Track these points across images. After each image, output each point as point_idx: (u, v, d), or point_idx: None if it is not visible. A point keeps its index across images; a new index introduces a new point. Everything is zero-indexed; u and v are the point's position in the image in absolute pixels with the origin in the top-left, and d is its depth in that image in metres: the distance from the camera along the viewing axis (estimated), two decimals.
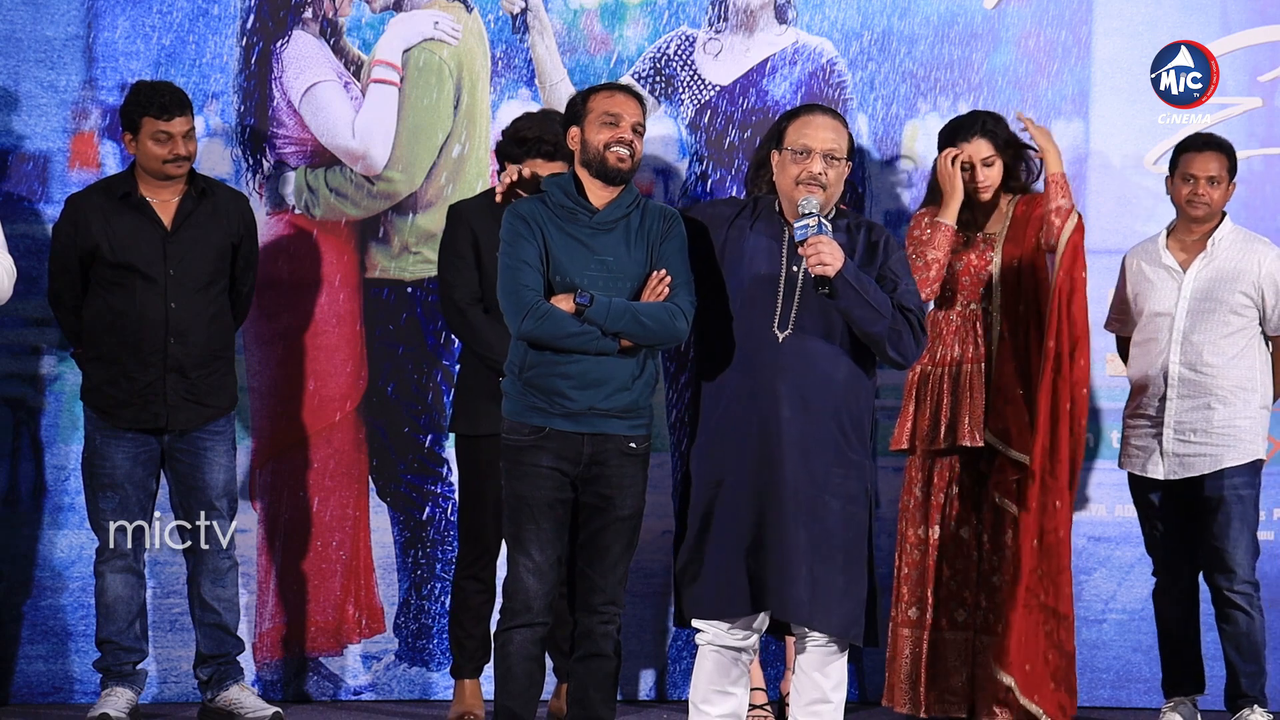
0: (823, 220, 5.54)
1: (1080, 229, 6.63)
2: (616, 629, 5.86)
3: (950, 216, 6.67)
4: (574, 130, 5.80)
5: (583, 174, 5.79)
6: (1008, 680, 6.61)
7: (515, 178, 5.90)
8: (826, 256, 5.51)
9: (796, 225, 5.56)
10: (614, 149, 5.73)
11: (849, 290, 5.54)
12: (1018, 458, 6.61)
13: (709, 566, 5.68)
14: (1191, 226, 6.72)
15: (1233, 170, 6.68)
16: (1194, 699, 6.82)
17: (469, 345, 6.60)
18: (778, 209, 5.74)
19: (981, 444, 6.64)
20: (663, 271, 5.72)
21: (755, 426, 5.62)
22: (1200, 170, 6.65)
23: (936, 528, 6.75)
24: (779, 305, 5.64)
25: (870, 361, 5.70)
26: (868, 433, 5.72)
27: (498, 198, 5.94)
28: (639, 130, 5.78)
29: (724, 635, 5.72)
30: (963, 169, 6.69)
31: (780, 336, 5.63)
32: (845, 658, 5.73)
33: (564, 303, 5.66)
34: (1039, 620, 6.66)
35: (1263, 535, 7.03)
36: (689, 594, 5.74)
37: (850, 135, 5.72)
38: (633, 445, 5.77)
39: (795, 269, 5.62)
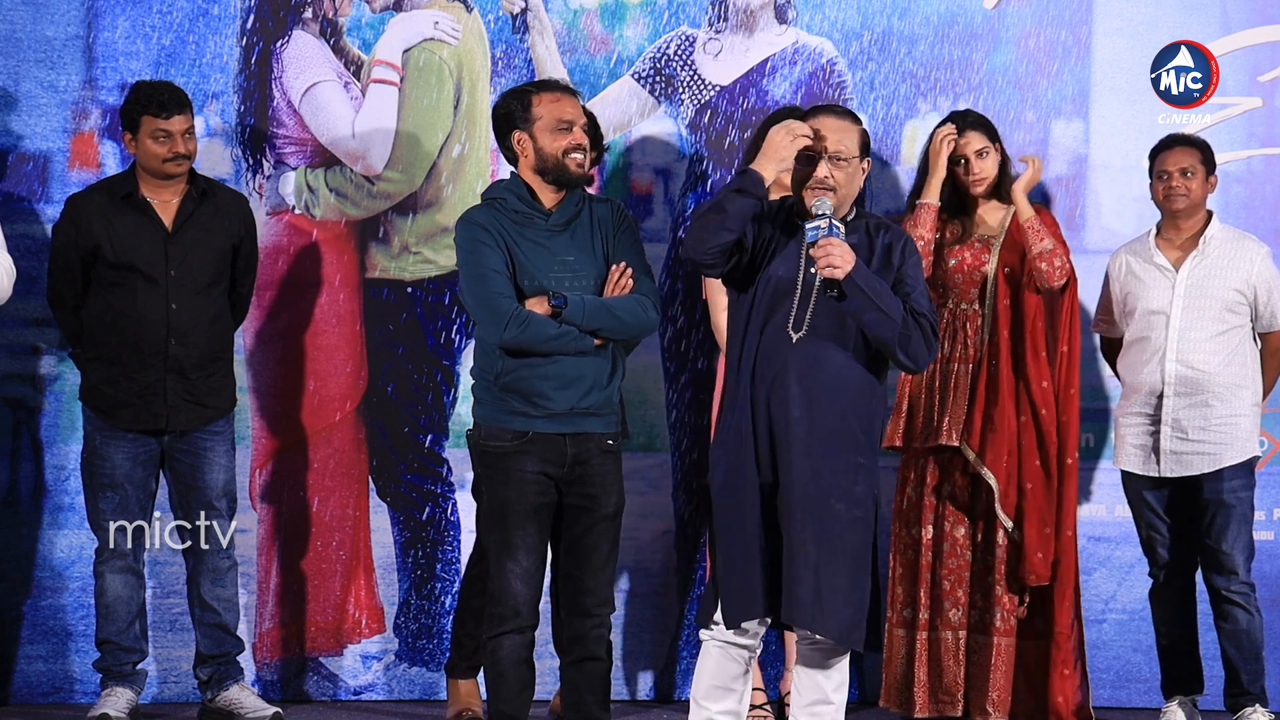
0: (834, 222, 5.52)
1: (1073, 292, 6.69)
2: (608, 630, 5.86)
3: (932, 195, 6.66)
4: (519, 135, 5.80)
5: (533, 179, 5.80)
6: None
7: None
8: (836, 259, 5.49)
9: (807, 227, 5.54)
10: (573, 155, 5.76)
11: (858, 293, 5.51)
12: (987, 477, 6.61)
13: (729, 569, 5.64)
14: (1178, 225, 6.72)
15: (1208, 163, 6.69)
16: (1194, 699, 6.82)
17: None
18: (797, 210, 5.74)
19: (957, 444, 6.64)
20: (623, 264, 5.73)
21: (766, 426, 5.61)
22: (1173, 164, 6.67)
23: (930, 527, 6.73)
24: (795, 306, 5.63)
25: (883, 367, 5.67)
26: (877, 438, 5.69)
27: None
28: (586, 131, 5.84)
29: (730, 632, 5.71)
30: (955, 162, 6.69)
31: (794, 337, 5.63)
32: (847, 658, 5.72)
33: (538, 306, 5.67)
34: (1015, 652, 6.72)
35: (1263, 535, 7.03)
36: (714, 598, 5.67)
37: (862, 132, 5.67)
38: (610, 443, 5.81)
39: (812, 271, 5.60)
